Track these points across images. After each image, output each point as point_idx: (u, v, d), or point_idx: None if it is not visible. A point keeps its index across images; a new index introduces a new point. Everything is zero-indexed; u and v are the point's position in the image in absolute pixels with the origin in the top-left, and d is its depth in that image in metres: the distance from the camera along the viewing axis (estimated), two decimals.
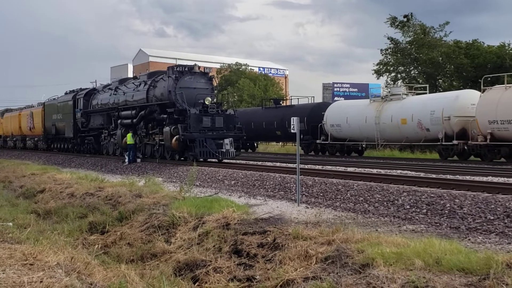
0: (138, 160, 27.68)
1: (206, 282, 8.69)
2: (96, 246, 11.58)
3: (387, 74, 50.62)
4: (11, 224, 12.60)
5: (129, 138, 27.75)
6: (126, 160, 27.41)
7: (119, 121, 30.70)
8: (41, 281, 5.95)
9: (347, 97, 64.78)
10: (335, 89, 73.30)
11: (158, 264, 10.10)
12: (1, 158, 39.90)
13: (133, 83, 31.09)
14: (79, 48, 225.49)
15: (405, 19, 47.81)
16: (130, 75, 74.49)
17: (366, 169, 20.36)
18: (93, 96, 35.99)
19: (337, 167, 22.05)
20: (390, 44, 49.65)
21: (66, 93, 41.84)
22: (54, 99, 44.20)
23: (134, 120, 28.74)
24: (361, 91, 68.40)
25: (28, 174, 24.71)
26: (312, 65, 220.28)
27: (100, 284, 6.76)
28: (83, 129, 36.76)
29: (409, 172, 19.05)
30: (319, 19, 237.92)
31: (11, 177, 25.62)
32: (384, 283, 6.37)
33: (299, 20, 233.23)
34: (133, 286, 7.41)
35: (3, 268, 6.54)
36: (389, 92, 34.18)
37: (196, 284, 8.80)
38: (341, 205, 12.97)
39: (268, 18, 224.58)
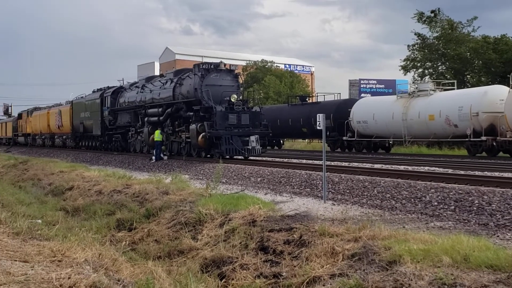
0: (165, 157, 27.81)
1: (232, 279, 8.70)
2: (124, 242, 11.66)
3: (414, 70, 50.27)
4: (40, 221, 12.76)
5: (157, 135, 27.84)
6: (154, 157, 27.56)
7: (146, 118, 30.89)
8: (69, 278, 6.01)
9: (374, 93, 64.46)
10: (362, 86, 73.00)
11: (185, 260, 10.14)
12: (30, 156, 40.34)
13: (159, 81, 31.24)
14: (107, 47, 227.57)
15: (432, 15, 47.48)
16: (157, 73, 74.85)
17: (393, 166, 20.24)
18: (120, 94, 36.25)
19: (364, 164, 21.95)
20: (417, 40, 49.31)
21: (93, 91, 42.20)
22: (82, 97, 44.58)
23: (161, 118, 28.89)
24: (388, 87, 68.02)
25: (56, 172, 24.92)
26: (339, 61, 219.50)
27: (128, 281, 6.81)
28: (111, 127, 37.05)
29: (437, 168, 18.89)
30: (346, 15, 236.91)
31: (40, 174, 25.87)
32: (411, 280, 6.32)
33: (325, 16, 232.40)
34: (160, 282, 7.45)
35: (32, 265, 6.62)
36: (417, 88, 33.96)
37: (223, 281, 8.81)
38: (368, 202, 12.90)
39: (294, 15, 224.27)
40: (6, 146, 67.38)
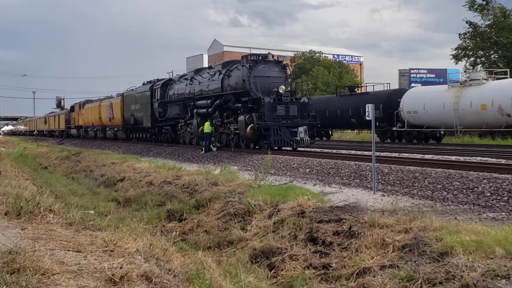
0: (214, 149, 27.97)
1: (282, 270, 8.72)
2: (174, 233, 11.79)
3: (466, 59, 49.31)
4: (92, 211, 13.02)
5: (207, 126, 27.97)
6: (203, 149, 27.75)
7: (195, 110, 31.09)
8: (121, 267, 6.11)
9: (424, 83, 63.43)
10: (412, 75, 71.97)
11: (234, 251, 10.20)
12: (82, 148, 41.12)
13: (208, 73, 31.40)
14: (156, 41, 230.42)
15: (484, 2, 46.41)
16: (205, 65, 75.25)
17: (444, 156, 19.91)
18: (169, 87, 36.57)
19: (414, 154, 21.68)
20: (469, 28, 48.32)
21: (143, 84, 42.67)
22: (132, 89, 45.13)
23: (210, 110, 29.05)
24: (439, 76, 66.85)
25: (108, 163, 25.33)
26: (388, 51, 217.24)
27: (178, 270, 6.88)
28: (160, 119, 37.43)
29: (490, 159, 18.53)
30: (395, 4, 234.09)
31: (92, 166, 26.34)
32: (463, 271, 6.23)
33: (374, 6, 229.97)
34: (210, 272, 7.51)
35: (85, 255, 6.75)
36: (468, 77, 33.26)
37: (272, 271, 8.84)
38: (419, 193, 12.73)
39: (343, 5, 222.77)
40: (59, 139, 68.85)
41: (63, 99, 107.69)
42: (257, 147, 26.04)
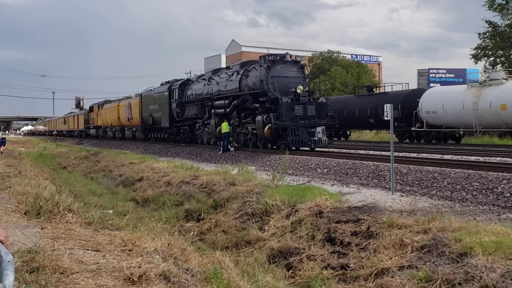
0: (232, 149, 27.99)
1: (299, 270, 8.72)
2: (192, 233, 11.82)
3: (486, 58, 48.96)
4: (111, 211, 13.10)
5: (225, 127, 28.01)
6: (221, 149, 27.79)
7: (212, 110, 31.15)
8: (139, 267, 6.14)
9: (443, 83, 63.15)
10: (431, 75, 71.70)
11: (252, 251, 10.21)
12: (101, 148, 41.35)
13: (226, 73, 31.46)
14: (174, 41, 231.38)
15: (504, 2, 46.01)
16: (223, 65, 75.33)
17: (463, 157, 19.76)
18: (187, 87, 36.69)
19: (433, 154, 21.53)
20: (488, 28, 47.93)
21: (162, 84, 42.83)
22: (150, 90, 45.31)
23: (227, 110, 29.08)
24: (458, 76, 66.53)
25: (127, 163, 25.44)
26: (407, 51, 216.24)
27: (196, 270, 6.91)
28: (179, 119, 37.56)
29: (509, 159, 18.36)
30: (414, 3, 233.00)
31: (111, 166, 26.47)
32: (482, 272, 6.18)
33: (393, 5, 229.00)
34: (228, 272, 7.52)
35: (104, 254, 6.79)
36: (488, 77, 32.98)
37: (290, 272, 8.84)
38: (437, 193, 12.65)
39: (361, 5, 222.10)
40: (78, 139, 69.29)
41: (82, 99, 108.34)
42: (274, 147, 26.04)
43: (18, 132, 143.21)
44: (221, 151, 27.54)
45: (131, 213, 13.38)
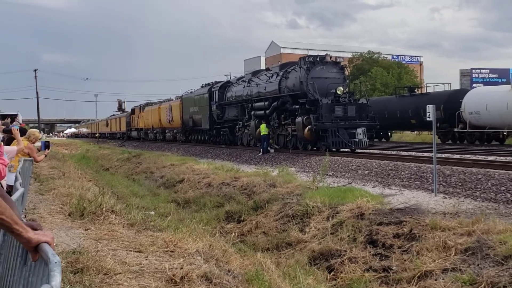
0: (272, 150, 27.98)
1: (341, 272, 8.66)
2: (233, 234, 11.86)
3: None
4: (153, 212, 13.23)
5: (263, 129, 28.03)
6: (261, 150, 27.81)
7: (252, 112, 31.20)
8: (181, 268, 6.18)
9: (487, 83, 62.07)
10: (474, 75, 70.62)
11: (293, 253, 10.19)
12: (143, 150, 41.79)
13: (265, 74, 31.47)
14: (214, 44, 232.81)
15: None
16: (263, 67, 75.39)
17: (508, 158, 19.39)
18: (227, 89, 36.81)
19: (476, 156, 21.18)
20: None
21: (202, 86, 43.05)
22: (191, 92, 45.57)
23: (267, 111, 29.08)
24: (502, 76, 65.42)
25: (168, 165, 25.63)
26: (449, 51, 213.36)
27: (238, 272, 6.92)
28: (219, 121, 37.70)
29: None
30: (456, 3, 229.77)
31: (152, 168, 26.72)
32: None
33: (434, 5, 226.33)
34: (269, 274, 7.52)
35: (146, 255, 6.86)
36: None
37: (331, 274, 8.79)
38: (481, 195, 12.43)
39: (402, 5, 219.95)
40: (120, 141, 70.09)
41: (124, 102, 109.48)
42: (314, 148, 25.95)
43: (61, 134, 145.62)
44: (261, 153, 27.55)
45: (173, 214, 13.49)
